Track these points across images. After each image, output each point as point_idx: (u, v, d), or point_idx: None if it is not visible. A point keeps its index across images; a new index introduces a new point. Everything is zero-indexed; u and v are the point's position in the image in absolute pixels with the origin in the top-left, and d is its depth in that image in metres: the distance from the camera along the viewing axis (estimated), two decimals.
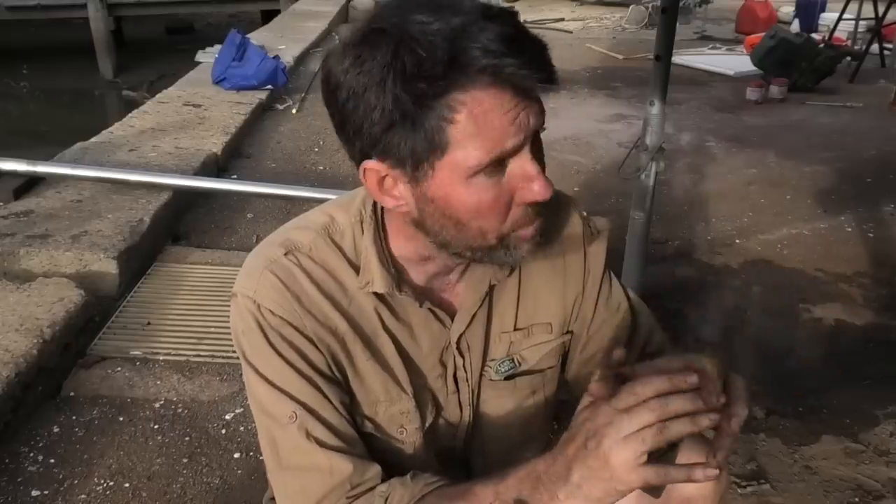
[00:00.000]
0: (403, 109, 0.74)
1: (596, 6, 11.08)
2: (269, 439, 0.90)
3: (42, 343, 2.05)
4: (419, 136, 0.75)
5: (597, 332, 1.04)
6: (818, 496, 1.81)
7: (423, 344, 0.95)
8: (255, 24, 9.14)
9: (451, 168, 0.77)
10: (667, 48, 2.28)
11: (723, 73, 6.60)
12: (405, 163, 0.78)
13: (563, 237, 1.01)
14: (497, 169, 0.78)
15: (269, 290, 0.88)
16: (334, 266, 0.91)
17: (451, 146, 0.76)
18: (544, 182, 0.79)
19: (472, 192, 0.78)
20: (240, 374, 2.18)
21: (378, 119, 0.75)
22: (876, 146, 4.63)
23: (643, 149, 2.35)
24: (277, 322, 0.88)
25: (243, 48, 5.13)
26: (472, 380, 0.99)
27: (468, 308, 0.95)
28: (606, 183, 3.81)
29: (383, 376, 0.93)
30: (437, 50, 0.72)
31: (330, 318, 0.90)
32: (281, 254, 0.90)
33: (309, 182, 3.69)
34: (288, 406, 0.87)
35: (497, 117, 0.75)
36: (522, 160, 0.79)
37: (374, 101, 0.74)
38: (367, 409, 0.94)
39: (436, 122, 0.74)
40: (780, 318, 2.65)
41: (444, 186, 0.79)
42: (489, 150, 0.76)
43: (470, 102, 0.74)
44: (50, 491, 1.75)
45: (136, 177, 3.13)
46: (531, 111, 0.77)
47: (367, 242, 0.91)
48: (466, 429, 1.02)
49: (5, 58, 9.68)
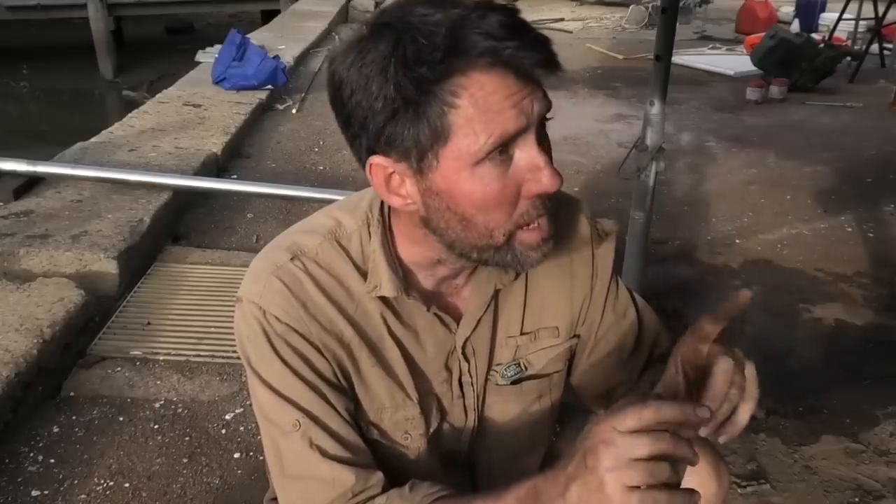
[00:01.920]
0: (405, 96, 0.74)
1: (596, 6, 11.07)
2: (273, 447, 0.89)
3: (42, 343, 2.05)
4: (422, 124, 0.75)
5: (604, 336, 1.03)
6: (818, 496, 1.81)
7: (428, 349, 0.94)
8: (255, 24, 9.15)
9: (456, 156, 0.76)
10: (667, 48, 2.28)
11: (723, 73, 6.60)
12: (410, 154, 0.77)
13: (570, 239, 1.00)
14: (503, 159, 0.77)
15: (274, 296, 0.87)
16: (340, 271, 0.90)
17: (455, 132, 0.75)
18: (552, 172, 0.78)
19: (478, 182, 0.77)
20: (240, 374, 2.18)
21: (381, 109, 0.75)
22: (876, 146, 4.63)
23: (643, 149, 2.35)
24: (283, 329, 0.87)
25: (243, 48, 5.12)
26: (477, 384, 0.98)
27: (474, 312, 0.94)
28: (606, 183, 3.81)
29: (388, 382, 0.92)
30: (438, 36, 0.72)
31: (336, 325, 0.89)
32: (287, 259, 0.89)
33: (309, 182, 3.69)
34: (292, 414, 0.87)
35: (499, 100, 0.74)
36: (528, 149, 0.77)
37: (376, 90, 0.74)
38: (373, 416, 0.93)
39: (438, 107, 0.74)
40: (780, 318, 2.65)
41: (449, 177, 0.78)
42: (492, 134, 0.74)
43: (471, 86, 0.73)
44: (50, 491, 1.75)
45: (136, 177, 3.13)
46: (534, 96, 0.76)
47: (375, 246, 0.89)
48: (471, 433, 1.01)
49: (5, 58, 9.68)
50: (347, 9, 9.44)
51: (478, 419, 1.00)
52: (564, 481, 0.71)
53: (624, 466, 0.66)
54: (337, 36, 7.76)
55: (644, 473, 0.66)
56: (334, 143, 4.40)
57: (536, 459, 1.09)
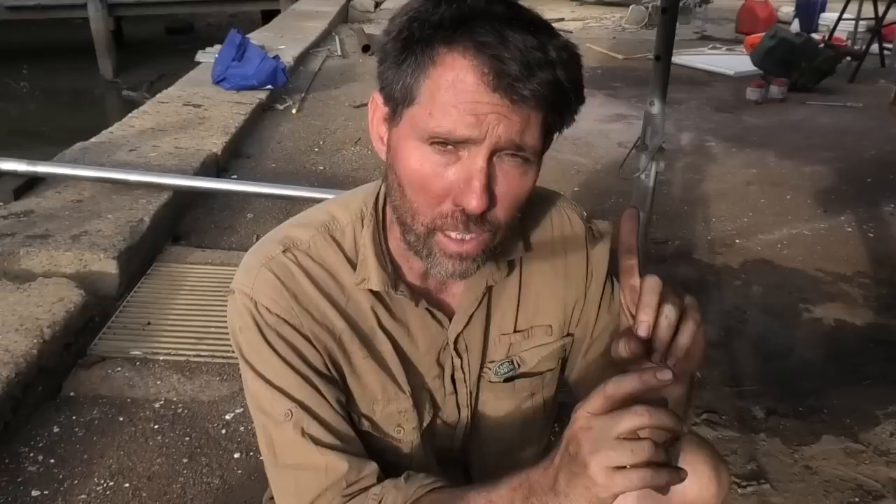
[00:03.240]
0: (399, 46, 0.77)
1: (596, 6, 11.08)
2: (266, 437, 0.90)
3: (42, 343, 2.05)
4: (401, 78, 0.77)
5: (599, 336, 1.04)
6: (818, 496, 1.81)
7: (420, 344, 0.95)
8: (255, 24, 9.14)
9: (411, 122, 0.78)
10: (667, 48, 2.28)
11: (723, 73, 6.60)
12: (389, 100, 0.80)
13: (564, 239, 1.01)
14: (447, 152, 0.76)
15: (266, 288, 0.88)
16: (332, 264, 0.91)
17: (418, 100, 0.76)
18: (480, 195, 0.75)
19: (416, 156, 0.78)
20: (240, 374, 2.18)
21: (383, 47, 0.79)
22: (876, 146, 4.63)
23: (643, 149, 2.35)
24: (274, 320, 0.88)
25: (243, 48, 5.12)
26: (470, 381, 0.99)
27: (466, 308, 0.95)
28: (606, 183, 3.81)
29: (381, 375, 0.93)
30: (455, 4, 0.74)
31: (327, 317, 0.90)
32: (279, 251, 0.90)
33: (309, 182, 3.68)
34: (284, 404, 0.87)
35: (462, 96, 0.73)
36: (471, 163, 0.76)
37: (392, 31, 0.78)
38: (365, 408, 0.94)
39: (414, 68, 0.76)
40: (780, 318, 2.65)
41: (401, 137, 0.79)
42: (439, 125, 0.74)
43: (446, 63, 0.74)
44: (50, 491, 1.75)
45: (136, 177, 3.13)
46: (505, 122, 0.73)
47: (365, 239, 0.90)
48: (465, 430, 1.02)
49: (5, 58, 9.67)
50: (347, 9, 9.45)
51: (471, 416, 1.01)
52: (553, 472, 0.71)
53: (604, 448, 0.66)
54: (337, 36, 7.76)
55: (625, 452, 0.66)
56: (334, 143, 4.41)
57: (530, 456, 1.09)
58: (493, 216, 0.80)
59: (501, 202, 0.79)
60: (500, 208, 0.79)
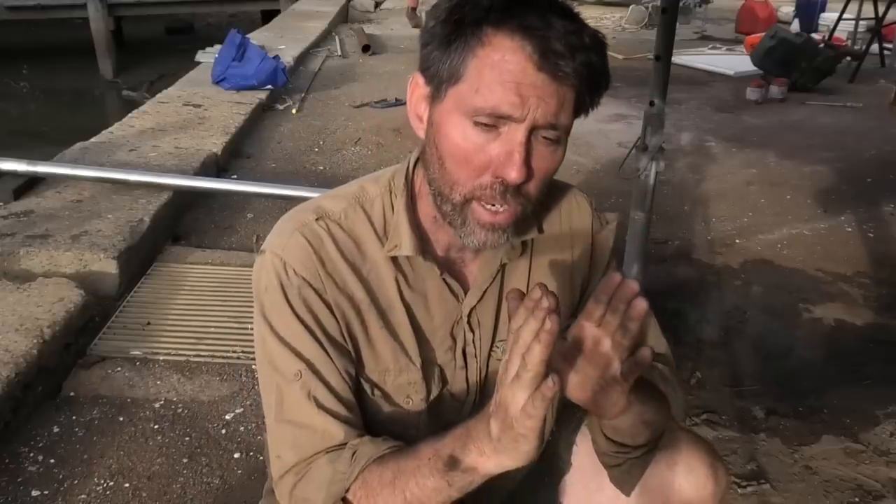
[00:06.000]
0: (447, 29, 0.82)
1: (596, 6, 11.06)
2: (275, 392, 0.93)
3: (42, 343, 2.05)
4: (447, 58, 0.82)
5: None
6: (818, 496, 1.81)
7: (435, 315, 0.98)
8: (255, 24, 9.15)
9: (457, 99, 0.83)
10: (667, 48, 2.28)
11: (723, 72, 6.60)
12: (433, 80, 0.86)
13: (573, 224, 1.06)
14: (490, 130, 0.82)
15: (297, 251, 0.92)
16: (360, 234, 0.95)
17: (465, 79, 0.82)
18: (520, 167, 0.82)
19: (459, 132, 0.83)
20: (240, 374, 2.19)
21: (430, 30, 0.84)
22: (876, 146, 4.63)
23: (643, 149, 2.34)
24: (299, 282, 0.92)
25: (243, 48, 5.13)
26: (480, 357, 1.02)
27: (480, 284, 0.99)
28: (606, 183, 3.81)
29: (394, 345, 0.97)
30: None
31: (349, 285, 0.94)
32: (313, 218, 0.95)
33: (309, 182, 3.68)
34: (296, 364, 0.91)
35: (507, 73, 0.79)
36: (512, 138, 0.82)
37: (436, 13, 0.84)
38: (377, 377, 0.97)
39: (463, 47, 0.81)
40: (780, 318, 2.65)
41: (444, 113, 0.85)
42: (486, 102, 0.80)
43: (494, 44, 0.80)
44: (50, 491, 1.75)
45: (136, 177, 3.13)
46: (544, 102, 0.80)
47: (399, 207, 0.95)
48: (472, 405, 1.04)
49: (5, 58, 9.68)
50: (347, 9, 9.45)
51: (479, 394, 1.03)
52: (487, 419, 0.78)
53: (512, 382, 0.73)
54: (337, 36, 7.76)
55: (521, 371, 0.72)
56: (334, 143, 4.41)
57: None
58: (526, 189, 0.86)
59: (535, 177, 0.85)
60: (533, 183, 0.86)
